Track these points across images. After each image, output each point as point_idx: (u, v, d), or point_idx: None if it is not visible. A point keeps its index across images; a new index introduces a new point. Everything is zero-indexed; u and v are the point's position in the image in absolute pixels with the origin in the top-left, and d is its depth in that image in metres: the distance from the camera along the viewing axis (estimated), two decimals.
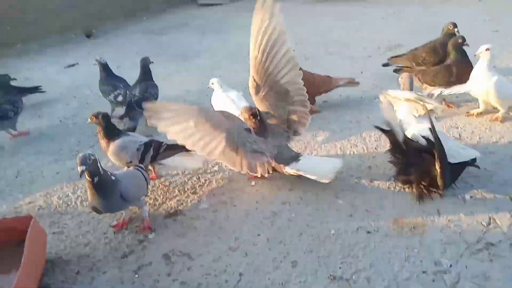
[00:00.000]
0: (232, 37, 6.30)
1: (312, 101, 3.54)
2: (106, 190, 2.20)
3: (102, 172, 2.18)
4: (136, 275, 2.13)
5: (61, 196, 2.85)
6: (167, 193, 2.75)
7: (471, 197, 2.39)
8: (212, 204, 2.60)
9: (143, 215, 2.44)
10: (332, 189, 2.57)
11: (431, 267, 1.97)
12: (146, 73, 3.75)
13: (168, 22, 7.01)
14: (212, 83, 3.49)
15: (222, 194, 2.68)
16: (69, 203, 2.77)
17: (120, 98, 3.84)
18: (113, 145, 2.70)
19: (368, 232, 2.22)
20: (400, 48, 5.01)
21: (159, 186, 2.83)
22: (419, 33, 5.25)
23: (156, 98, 3.71)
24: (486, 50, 3.02)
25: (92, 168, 2.12)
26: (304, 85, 2.72)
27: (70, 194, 2.86)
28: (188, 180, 2.87)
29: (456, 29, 3.63)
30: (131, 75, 4.06)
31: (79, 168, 2.07)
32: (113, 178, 2.24)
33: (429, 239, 2.13)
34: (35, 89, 4.42)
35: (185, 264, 2.17)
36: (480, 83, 3.05)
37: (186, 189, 2.77)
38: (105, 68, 3.98)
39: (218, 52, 5.71)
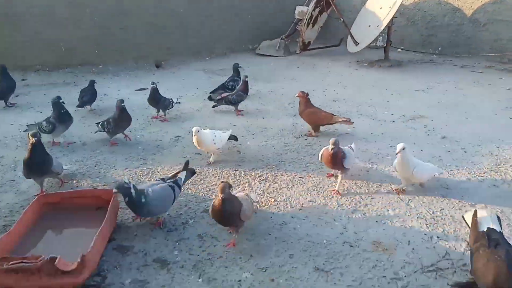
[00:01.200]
0: (278, 85, 7.28)
1: (317, 129, 5.00)
2: (134, 206, 2.98)
3: (134, 194, 2.90)
4: (177, 243, 2.97)
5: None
6: (207, 194, 3.61)
7: (438, 237, 3.05)
8: None
9: (162, 217, 3.23)
10: (329, 213, 3.33)
11: (390, 274, 2.68)
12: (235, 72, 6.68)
13: (227, 65, 8.13)
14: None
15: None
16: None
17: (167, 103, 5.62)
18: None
19: (351, 246, 2.95)
20: (422, 118, 5.70)
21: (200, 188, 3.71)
22: (444, 108, 5.95)
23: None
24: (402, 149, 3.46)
25: (124, 191, 2.88)
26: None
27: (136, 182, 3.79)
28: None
29: None
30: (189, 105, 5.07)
31: (114, 190, 2.90)
32: (143, 200, 2.93)
33: (395, 258, 2.83)
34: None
35: (212, 243, 2.99)
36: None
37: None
38: (154, 91, 5.50)
39: (265, 97, 6.66)
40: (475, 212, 2.68)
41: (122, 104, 4.63)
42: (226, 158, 4.36)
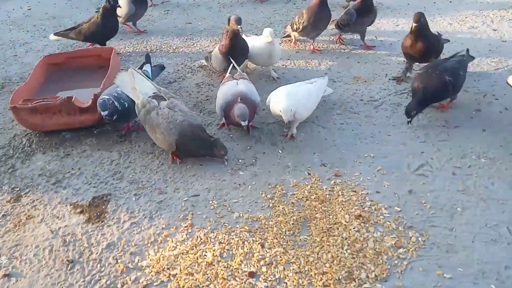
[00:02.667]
0: None
1: None
2: (124, 116, 2.74)
3: (120, 106, 2.64)
4: (178, 91, 3.30)
5: (124, 53, 4.03)
6: (200, 54, 3.86)
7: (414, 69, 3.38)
8: None
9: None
10: (315, 59, 3.62)
11: (367, 98, 3.08)
12: None
13: None
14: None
15: None
16: (130, 56, 3.94)
17: None
18: None
19: (334, 81, 3.29)
20: None
21: None
22: None
23: None
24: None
25: (111, 109, 2.61)
26: None
27: (131, 52, 4.02)
28: None
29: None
30: None
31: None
32: (126, 105, 2.68)
33: (372, 87, 3.20)
34: None
35: (209, 88, 3.33)
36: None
37: None
38: None
39: None
40: None
41: None
42: (215, 24, 4.52)
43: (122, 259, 1.96)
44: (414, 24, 2.95)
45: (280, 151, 2.61)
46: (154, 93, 2.70)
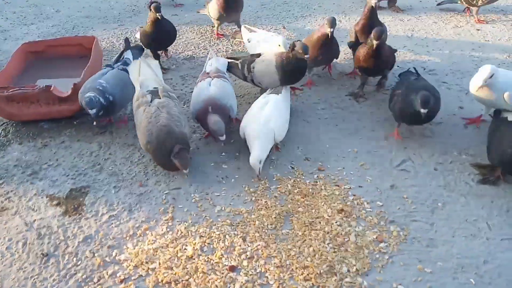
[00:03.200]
0: None
1: None
2: (108, 111, 2.59)
3: (104, 101, 2.48)
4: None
5: (107, 42, 3.96)
6: (186, 47, 3.80)
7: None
8: None
9: None
10: None
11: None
12: None
13: None
14: None
15: None
16: (114, 47, 3.87)
17: None
18: None
19: (319, 77, 3.27)
20: None
21: None
22: None
23: None
24: None
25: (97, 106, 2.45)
26: None
27: (115, 42, 3.94)
28: None
29: None
30: None
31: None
32: (111, 98, 2.53)
33: (357, 83, 3.17)
34: None
35: (194, 81, 3.25)
36: None
37: None
38: None
39: None
40: None
41: None
42: (202, 17, 4.45)
43: (99, 253, 1.91)
44: (375, 42, 2.71)
45: None
46: (154, 88, 2.56)
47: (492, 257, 1.90)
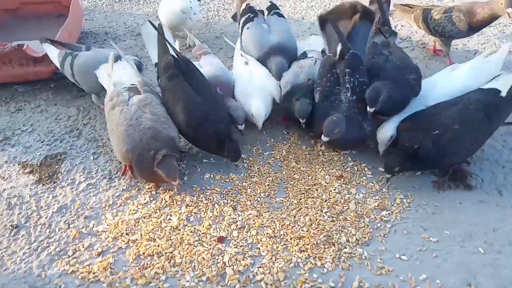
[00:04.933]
0: None
1: None
2: None
3: None
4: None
5: (90, 1, 3.67)
6: None
7: None
8: None
9: None
10: None
11: None
12: None
13: None
14: None
15: None
16: (96, 6, 3.58)
17: None
18: None
19: None
20: None
21: None
22: None
23: None
24: None
25: None
26: None
27: (97, 1, 3.66)
28: None
29: None
30: None
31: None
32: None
33: None
34: None
35: None
36: None
37: None
38: None
39: None
40: None
41: None
42: None
43: (75, 224, 1.74)
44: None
45: None
46: (132, 84, 2.09)
47: (502, 223, 1.75)
